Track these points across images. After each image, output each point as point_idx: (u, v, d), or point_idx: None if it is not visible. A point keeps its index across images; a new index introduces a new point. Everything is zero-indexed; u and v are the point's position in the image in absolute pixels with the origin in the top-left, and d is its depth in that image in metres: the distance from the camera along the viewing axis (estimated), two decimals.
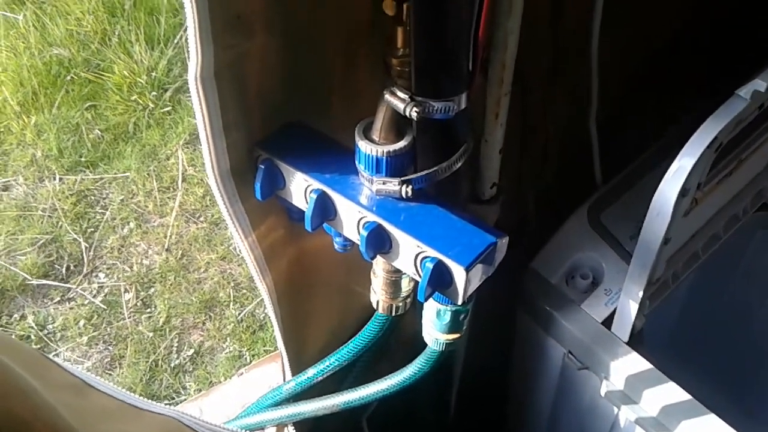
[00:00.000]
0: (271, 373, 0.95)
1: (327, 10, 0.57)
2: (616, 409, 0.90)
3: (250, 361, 1.72)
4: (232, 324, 1.83)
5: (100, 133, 2.22)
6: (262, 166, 0.60)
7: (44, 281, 1.90)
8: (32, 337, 1.79)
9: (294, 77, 0.59)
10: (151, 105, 2.27)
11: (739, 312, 1.21)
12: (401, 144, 0.57)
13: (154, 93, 2.29)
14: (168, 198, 2.08)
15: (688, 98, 0.95)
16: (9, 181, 2.11)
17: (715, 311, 1.21)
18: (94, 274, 1.92)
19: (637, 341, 0.87)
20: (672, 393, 0.83)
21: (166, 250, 1.97)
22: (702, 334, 1.22)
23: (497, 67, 0.63)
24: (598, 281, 0.92)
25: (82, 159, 2.15)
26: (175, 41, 2.37)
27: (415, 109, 0.53)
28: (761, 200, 0.99)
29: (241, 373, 0.98)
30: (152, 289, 1.90)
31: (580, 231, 0.95)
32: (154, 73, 2.31)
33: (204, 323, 1.84)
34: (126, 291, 1.89)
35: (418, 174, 0.57)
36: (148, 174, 2.13)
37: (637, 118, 1.06)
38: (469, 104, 0.56)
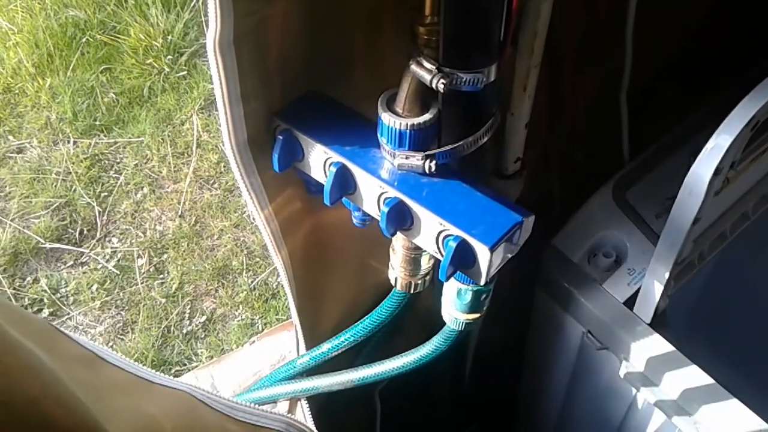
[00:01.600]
0: (284, 342, 0.94)
1: None
2: (634, 391, 0.88)
3: (263, 330, 1.71)
4: (245, 292, 1.82)
5: (114, 96, 2.20)
6: (281, 137, 0.58)
7: (57, 245, 1.90)
8: (45, 300, 1.79)
9: (316, 45, 0.56)
10: (167, 69, 2.24)
11: (764, 293, 1.19)
12: (426, 117, 0.54)
13: (169, 57, 2.26)
14: (182, 164, 2.06)
15: (724, 75, 0.92)
16: (23, 143, 2.10)
17: (740, 292, 1.18)
18: (107, 239, 1.92)
19: (659, 322, 0.85)
20: (694, 376, 0.81)
21: (180, 216, 1.96)
22: (725, 316, 1.20)
23: (528, 36, 0.60)
24: (621, 260, 0.90)
25: (97, 123, 2.14)
26: (192, 4, 2.34)
27: (442, 80, 0.51)
28: None
29: (253, 341, 0.97)
30: (165, 255, 1.89)
31: (604, 208, 0.93)
32: (170, 37, 2.28)
33: (216, 290, 1.83)
34: (139, 256, 1.89)
35: (443, 149, 0.55)
36: (162, 139, 2.11)
37: (669, 93, 1.02)
38: (498, 76, 0.53)
